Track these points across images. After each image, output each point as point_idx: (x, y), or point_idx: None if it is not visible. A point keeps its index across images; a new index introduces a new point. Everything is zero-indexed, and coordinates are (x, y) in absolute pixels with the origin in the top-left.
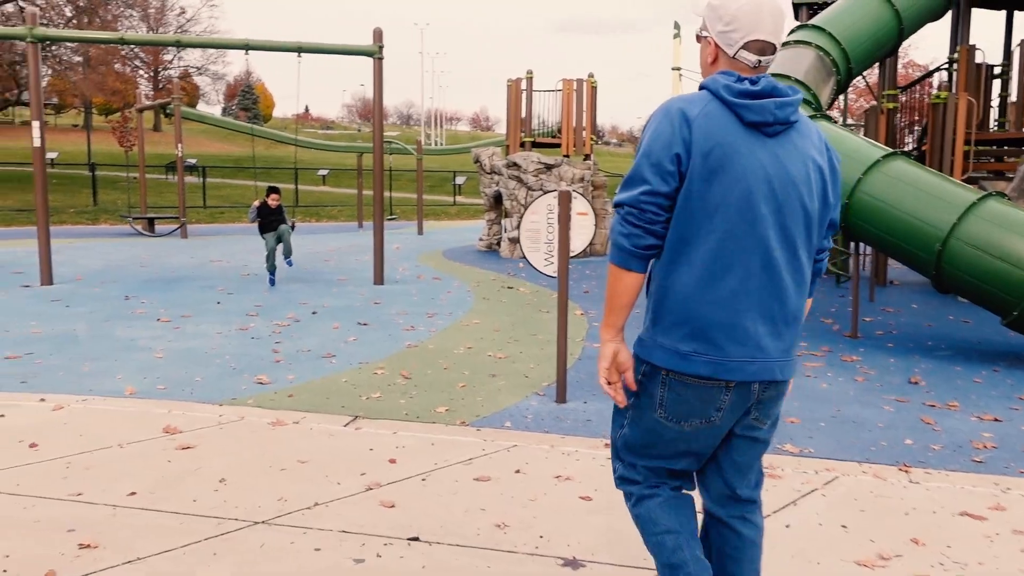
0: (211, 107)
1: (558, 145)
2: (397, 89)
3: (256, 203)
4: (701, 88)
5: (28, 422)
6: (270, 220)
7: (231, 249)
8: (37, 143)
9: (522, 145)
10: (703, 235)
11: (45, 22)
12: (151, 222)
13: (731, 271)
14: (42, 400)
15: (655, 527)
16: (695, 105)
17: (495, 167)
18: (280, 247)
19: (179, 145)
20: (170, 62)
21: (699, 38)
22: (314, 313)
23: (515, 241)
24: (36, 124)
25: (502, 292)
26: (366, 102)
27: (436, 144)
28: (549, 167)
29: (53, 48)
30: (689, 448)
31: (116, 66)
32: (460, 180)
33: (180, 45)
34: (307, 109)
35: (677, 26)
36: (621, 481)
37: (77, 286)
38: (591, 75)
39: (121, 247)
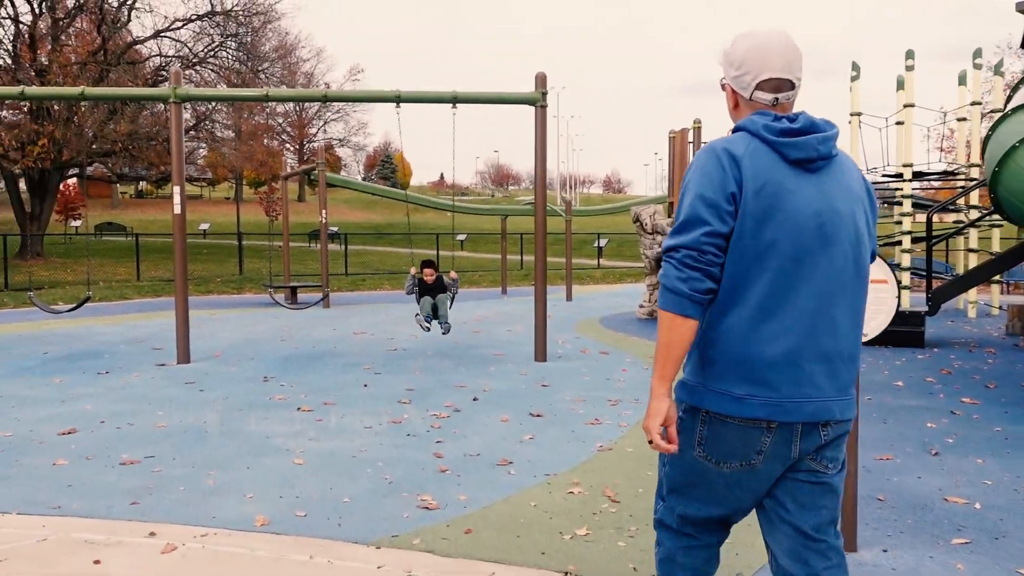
0: (352, 176)
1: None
2: (529, 153)
3: (413, 271)
4: (736, 130)
5: (128, 573)
6: (427, 290)
7: (375, 320)
8: (178, 209)
9: None
10: (755, 275)
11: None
12: (293, 291)
13: (784, 310)
14: (151, 535)
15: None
16: (739, 145)
17: (657, 226)
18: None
19: (323, 212)
20: (314, 135)
21: (722, 86)
22: (475, 400)
23: None
24: (177, 190)
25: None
26: (499, 168)
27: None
28: None
29: (207, 124)
30: (730, 494)
31: (264, 140)
32: (603, 242)
33: (327, 99)
34: (442, 176)
35: (856, 67)
36: (659, 524)
37: (214, 364)
38: (696, 122)
39: (263, 318)
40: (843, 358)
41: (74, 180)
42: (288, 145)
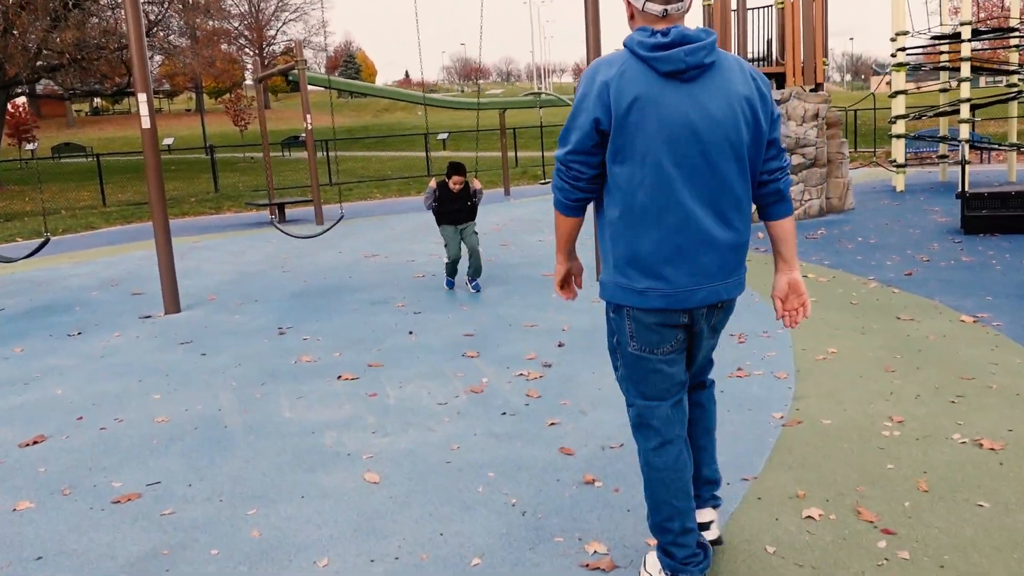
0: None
1: (775, 76)
2: (496, 45)
3: (432, 184)
4: (624, 46)
5: None
6: (452, 209)
7: (380, 236)
8: (146, 123)
9: None
10: (638, 181)
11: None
12: (281, 208)
13: (668, 211)
14: None
15: (652, 477)
16: (613, 67)
17: None
18: (466, 255)
19: (307, 116)
20: (273, 38)
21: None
22: (560, 345)
23: None
24: (143, 100)
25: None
26: (466, 63)
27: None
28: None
29: (160, 30)
30: (667, 376)
31: (223, 45)
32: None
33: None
34: (407, 74)
35: None
36: (634, 428)
37: (211, 311)
38: None
39: (252, 242)
40: (727, 247)
41: (23, 100)
42: (247, 50)
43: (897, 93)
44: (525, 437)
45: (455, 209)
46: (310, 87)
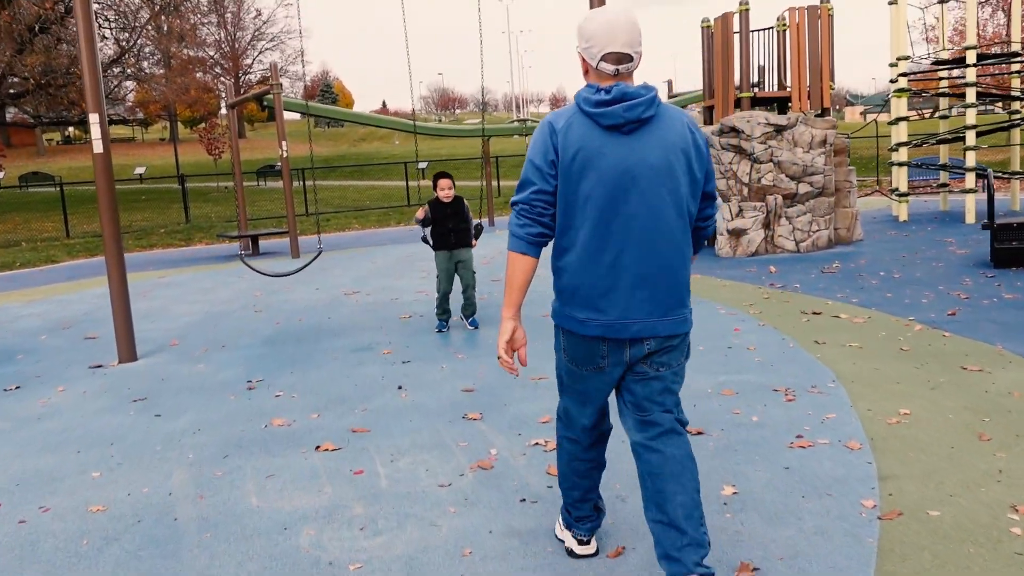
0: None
1: (777, 100)
2: (473, 75)
3: (421, 212)
4: (574, 100)
5: None
6: (446, 230)
7: (361, 270)
8: (99, 147)
9: (737, 104)
10: (580, 222)
11: (120, 21)
12: (254, 240)
13: (606, 249)
14: None
15: (564, 475)
16: (562, 118)
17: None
18: (460, 289)
19: (283, 143)
20: (250, 67)
21: (578, 55)
22: None
23: (738, 234)
24: (95, 121)
25: (830, 326)
26: (443, 92)
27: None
28: (780, 129)
29: (131, 56)
30: (592, 387)
31: (197, 74)
32: None
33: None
34: (384, 104)
35: None
36: (559, 422)
37: (171, 360)
38: (824, 1)
39: (223, 277)
40: (663, 285)
41: None
42: (222, 79)
43: (898, 120)
44: (558, 548)
45: (449, 229)
46: (287, 115)
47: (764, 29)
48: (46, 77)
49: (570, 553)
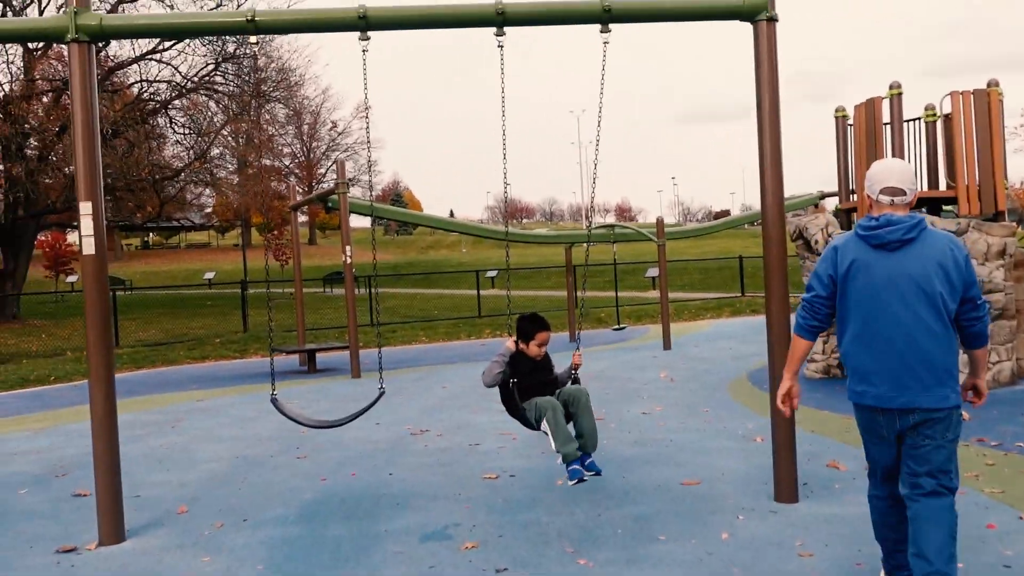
0: (365, 219)
1: (939, 201)
2: (541, 185)
3: (509, 344)
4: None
5: None
6: (532, 384)
7: (431, 399)
8: (90, 246)
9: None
10: (853, 316)
11: (194, 126)
12: (311, 356)
13: (876, 338)
14: None
15: (875, 523)
16: (842, 240)
17: None
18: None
19: (347, 248)
20: (323, 176)
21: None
22: None
23: None
24: (86, 209)
25: None
26: (511, 203)
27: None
28: None
29: (214, 171)
30: (880, 454)
31: (272, 183)
32: (653, 272)
33: (257, 29)
34: (452, 213)
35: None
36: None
37: (168, 544)
38: (993, 84)
39: (269, 403)
40: (923, 367)
41: (74, 237)
42: (297, 188)
43: None
44: None
45: (536, 383)
46: (357, 221)
47: (913, 120)
48: (111, 180)
49: None
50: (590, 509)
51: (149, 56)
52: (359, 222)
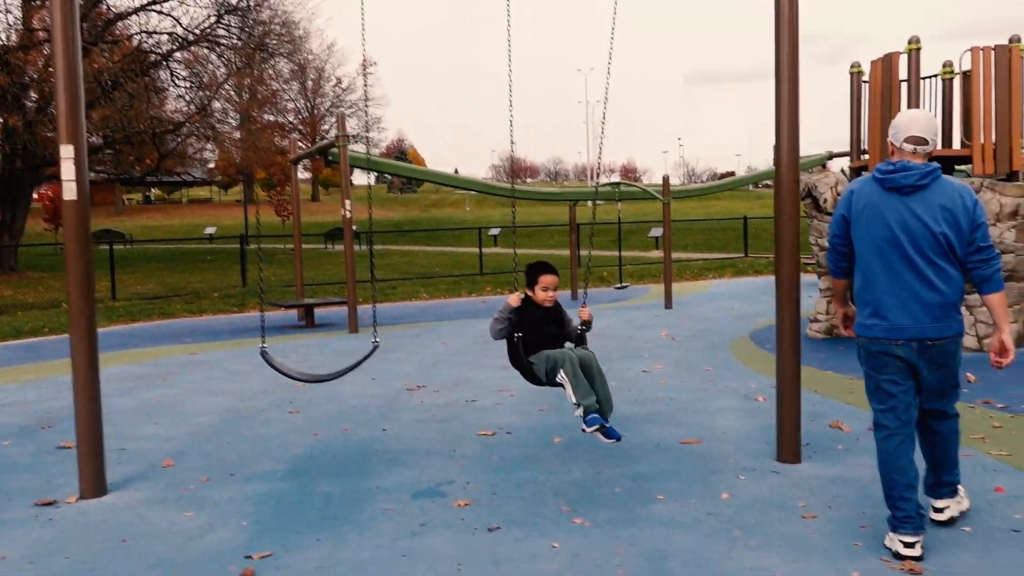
0: (365, 176)
1: (951, 160)
2: (546, 143)
3: (517, 299)
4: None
5: None
6: (541, 335)
7: (429, 354)
8: (71, 192)
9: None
10: (867, 256)
11: (196, 80)
12: (309, 311)
13: (887, 274)
14: None
15: (882, 463)
16: (858, 184)
17: None
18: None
19: (346, 202)
20: (327, 132)
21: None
22: None
23: None
24: (68, 152)
25: None
26: (515, 161)
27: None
28: None
29: (217, 124)
30: (894, 389)
31: (276, 139)
32: (657, 232)
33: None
34: (456, 171)
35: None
36: (874, 426)
37: (152, 498)
38: (1015, 40)
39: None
40: (933, 300)
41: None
42: (300, 144)
43: None
44: None
45: (544, 336)
46: (361, 179)
47: (930, 77)
48: (111, 133)
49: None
50: (588, 468)
51: (149, 7)
52: (363, 179)
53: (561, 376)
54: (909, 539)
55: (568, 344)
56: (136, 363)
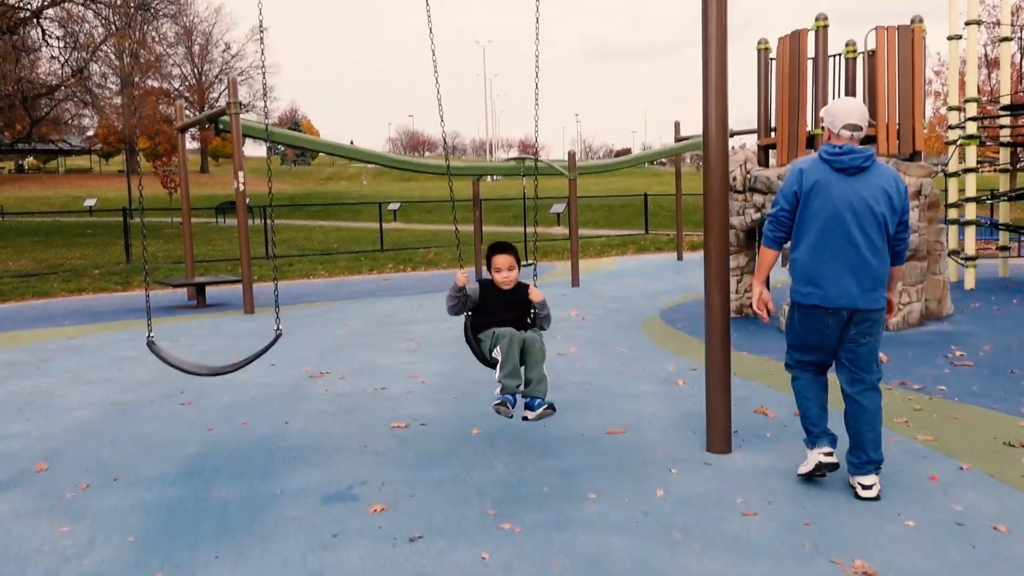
0: (260, 147)
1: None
2: (444, 118)
3: (463, 276)
4: (817, 152)
5: None
6: (498, 319)
7: (331, 337)
8: None
9: (810, 143)
10: (809, 228)
11: (70, 40)
12: (200, 289)
13: (828, 248)
14: None
15: (800, 396)
16: (807, 163)
17: (760, 181)
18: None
19: (239, 174)
20: (216, 100)
21: (821, 128)
22: None
23: None
24: None
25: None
26: (412, 135)
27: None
28: None
29: (96, 89)
30: (818, 346)
31: (160, 106)
32: (559, 208)
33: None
34: (351, 143)
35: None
36: (787, 367)
37: (20, 511)
38: (917, 20)
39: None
40: (867, 275)
41: None
42: (187, 112)
43: (968, 171)
44: None
45: (502, 320)
46: (252, 151)
47: (831, 56)
48: None
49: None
50: (511, 462)
51: None
52: (254, 150)
53: (496, 352)
54: (867, 480)
55: (532, 334)
56: (4, 348)
